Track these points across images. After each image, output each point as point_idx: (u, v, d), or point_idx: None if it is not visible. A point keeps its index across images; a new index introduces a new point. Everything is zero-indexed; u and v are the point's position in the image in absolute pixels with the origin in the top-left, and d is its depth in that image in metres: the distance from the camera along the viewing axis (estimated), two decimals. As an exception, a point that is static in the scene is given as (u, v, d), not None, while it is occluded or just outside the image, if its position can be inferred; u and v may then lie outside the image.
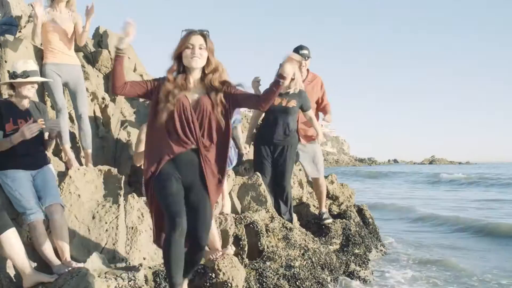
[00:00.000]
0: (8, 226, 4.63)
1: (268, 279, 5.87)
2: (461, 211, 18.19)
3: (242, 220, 6.45)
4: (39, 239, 4.88)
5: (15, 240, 4.65)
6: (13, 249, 4.62)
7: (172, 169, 4.25)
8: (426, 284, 7.79)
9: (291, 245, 6.66)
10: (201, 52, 4.25)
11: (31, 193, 5.03)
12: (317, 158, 8.21)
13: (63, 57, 6.42)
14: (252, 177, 7.26)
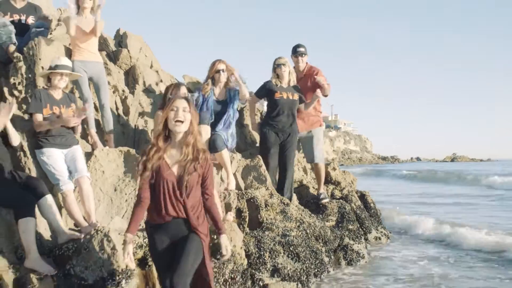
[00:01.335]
0: (46, 193, 5.67)
1: (265, 245, 6.82)
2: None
3: (244, 195, 7.43)
4: (70, 205, 5.92)
5: (52, 204, 5.69)
6: (50, 212, 5.66)
7: (163, 235, 4.43)
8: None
9: (287, 218, 7.59)
10: (185, 115, 4.39)
11: (63, 167, 6.07)
12: (314, 144, 9.16)
13: (88, 55, 7.46)
14: (254, 159, 8.22)
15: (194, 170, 4.39)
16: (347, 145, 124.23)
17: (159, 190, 4.38)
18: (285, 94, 8.49)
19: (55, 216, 5.70)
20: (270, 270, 6.65)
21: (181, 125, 4.38)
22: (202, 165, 4.44)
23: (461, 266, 8.52)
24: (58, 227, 5.68)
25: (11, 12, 7.98)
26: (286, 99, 8.50)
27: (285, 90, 8.50)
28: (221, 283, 5.87)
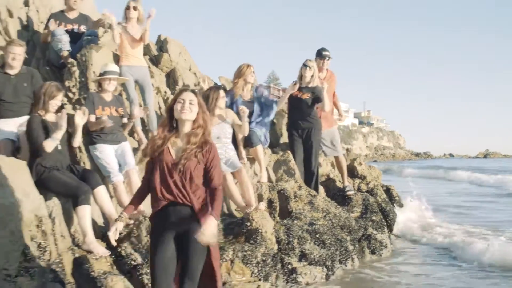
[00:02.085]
0: (100, 184, 6.45)
1: (294, 232, 7.52)
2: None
3: (275, 187, 8.15)
4: (120, 195, 6.70)
5: (104, 194, 6.48)
6: (103, 201, 6.44)
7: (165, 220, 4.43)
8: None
9: (314, 209, 8.28)
10: (190, 107, 4.44)
11: (114, 161, 6.86)
12: (335, 140, 9.90)
13: (134, 60, 8.25)
14: (284, 154, 8.92)
15: (193, 156, 4.38)
16: (380, 141, 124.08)
17: (156, 173, 4.43)
18: (301, 93, 9.17)
19: (108, 204, 6.48)
20: (298, 255, 7.34)
21: (187, 113, 4.42)
22: (204, 154, 4.42)
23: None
24: (110, 214, 6.46)
25: (65, 22, 8.80)
26: (294, 98, 9.18)
27: (303, 90, 9.18)
28: (254, 265, 6.58)
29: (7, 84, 7.14)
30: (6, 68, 7.20)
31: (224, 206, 7.63)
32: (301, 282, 7.03)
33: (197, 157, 4.39)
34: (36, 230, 5.82)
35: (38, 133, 6.36)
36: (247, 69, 8.65)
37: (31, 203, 5.95)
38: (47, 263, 5.71)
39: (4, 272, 5.45)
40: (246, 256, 6.58)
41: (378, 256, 8.92)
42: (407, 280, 7.63)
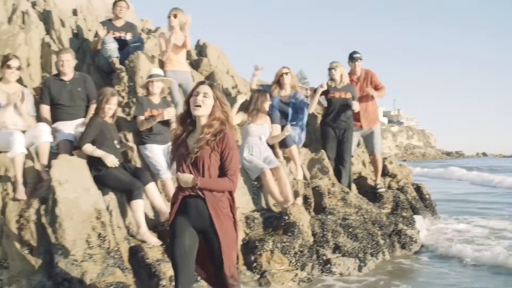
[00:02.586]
0: (150, 181, 7.08)
1: (328, 226, 8.06)
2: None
3: (310, 184, 8.69)
4: (168, 191, 7.32)
5: (155, 190, 7.11)
6: (154, 196, 7.08)
7: (184, 213, 4.49)
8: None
9: (347, 205, 8.80)
10: (203, 100, 4.41)
11: (162, 160, 7.48)
12: (375, 138, 10.37)
13: (178, 65, 8.90)
14: (318, 153, 9.46)
15: (206, 145, 4.38)
16: (410, 140, 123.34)
17: (173, 166, 4.59)
18: (338, 93, 9.70)
19: (158, 200, 7.12)
20: (332, 247, 7.88)
21: (199, 109, 4.41)
22: (218, 143, 4.38)
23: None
24: (160, 208, 7.10)
25: (113, 30, 9.48)
26: (338, 98, 9.71)
27: (338, 90, 9.71)
28: (292, 255, 7.15)
29: (63, 90, 7.85)
30: (61, 76, 7.91)
31: (263, 201, 8.21)
32: (335, 272, 7.56)
33: (210, 146, 4.38)
34: (96, 222, 6.48)
35: (89, 134, 7.03)
36: (283, 73, 9.27)
37: (91, 197, 6.63)
38: (107, 251, 6.36)
39: (71, 257, 6.15)
40: (285, 247, 7.15)
41: (408, 251, 9.36)
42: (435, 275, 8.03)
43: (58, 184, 6.48)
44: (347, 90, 9.72)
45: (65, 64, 7.84)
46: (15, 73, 7.45)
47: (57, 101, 7.84)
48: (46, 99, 7.84)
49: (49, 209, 6.49)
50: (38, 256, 6.43)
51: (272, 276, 6.87)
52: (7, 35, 9.69)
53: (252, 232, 7.42)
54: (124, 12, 9.65)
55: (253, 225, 7.52)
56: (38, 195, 6.78)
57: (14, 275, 6.23)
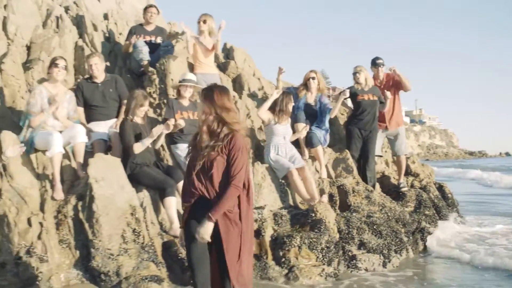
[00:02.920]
0: (182, 178, 7.35)
1: (353, 223, 8.28)
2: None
3: (335, 183, 8.93)
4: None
5: (187, 187, 7.39)
6: (185, 193, 7.36)
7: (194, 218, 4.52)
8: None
9: (371, 203, 9.02)
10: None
11: (193, 159, 7.76)
12: (400, 140, 10.59)
13: (207, 68, 9.21)
14: (342, 152, 9.69)
15: (213, 150, 4.44)
16: (433, 139, 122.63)
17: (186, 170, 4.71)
18: (366, 96, 9.95)
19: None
20: (357, 244, 8.11)
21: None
22: (225, 146, 4.46)
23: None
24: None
25: (144, 34, 9.83)
26: (367, 101, 9.96)
27: (366, 92, 9.96)
28: (319, 250, 7.40)
29: (96, 92, 8.21)
30: (93, 78, 8.26)
31: (290, 199, 8.46)
32: (361, 268, 7.80)
33: (216, 151, 4.43)
34: (131, 218, 6.81)
35: (130, 137, 7.34)
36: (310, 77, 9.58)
37: (126, 194, 6.96)
38: (141, 245, 6.68)
39: (108, 251, 6.47)
40: (312, 243, 7.40)
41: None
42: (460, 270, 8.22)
43: (95, 181, 6.82)
44: (373, 93, 9.96)
45: (94, 68, 8.20)
46: (62, 72, 7.83)
47: (91, 103, 8.19)
48: (80, 101, 8.19)
49: (86, 206, 6.83)
50: (75, 250, 6.76)
51: (300, 271, 7.13)
52: (42, 38, 10.09)
53: (280, 229, 7.67)
54: (154, 17, 10.01)
55: (281, 222, 7.78)
56: (75, 192, 7.12)
57: (53, 268, 6.56)
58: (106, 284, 6.42)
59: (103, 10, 11.97)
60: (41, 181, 7.33)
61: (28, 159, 7.47)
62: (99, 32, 10.57)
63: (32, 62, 9.64)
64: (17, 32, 10.14)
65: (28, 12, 10.64)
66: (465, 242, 10.09)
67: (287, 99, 8.65)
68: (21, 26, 10.21)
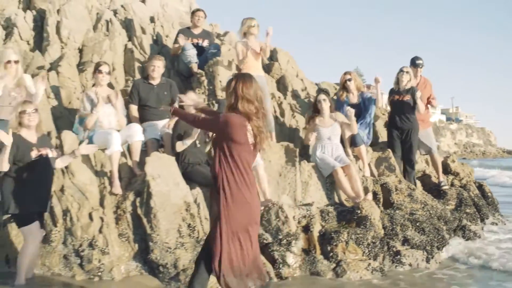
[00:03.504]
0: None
1: (396, 220, 8.51)
2: None
3: (378, 181, 9.17)
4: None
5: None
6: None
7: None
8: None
9: (414, 201, 9.23)
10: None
11: (243, 158, 8.08)
12: (430, 139, 10.79)
13: (254, 70, 9.47)
14: (385, 152, 9.93)
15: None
16: (470, 138, 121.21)
17: None
18: (400, 96, 10.15)
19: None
20: (401, 240, 8.33)
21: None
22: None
23: None
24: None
25: (191, 37, 10.20)
26: (399, 101, 10.15)
27: (401, 93, 10.16)
28: (365, 246, 7.66)
29: (151, 93, 8.59)
30: (149, 79, 8.65)
31: (335, 196, 8.76)
32: (405, 263, 8.02)
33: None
34: (186, 213, 7.17)
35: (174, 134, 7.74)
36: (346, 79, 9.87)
37: (180, 191, 7.32)
38: (196, 240, 7.03)
39: (165, 245, 6.85)
40: (359, 238, 7.67)
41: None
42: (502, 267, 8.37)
43: (152, 179, 7.19)
44: (408, 93, 10.14)
45: (155, 70, 8.59)
46: (106, 77, 8.29)
47: (145, 103, 8.58)
48: (135, 100, 8.59)
49: (144, 202, 7.21)
50: (134, 243, 7.15)
51: (348, 265, 7.39)
52: (93, 42, 10.54)
53: (327, 225, 7.96)
54: (202, 21, 10.38)
55: (328, 218, 8.06)
56: (133, 188, 7.51)
57: (114, 260, 6.96)
58: (164, 276, 6.79)
59: (149, 13, 12.39)
60: (99, 178, 7.75)
61: (87, 157, 7.88)
62: (147, 35, 10.98)
63: (84, 65, 10.11)
64: (70, 36, 10.61)
65: (79, 16, 11.11)
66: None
67: (319, 97, 9.06)
68: (73, 30, 10.68)
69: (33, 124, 6.48)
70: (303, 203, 8.24)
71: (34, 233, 6.32)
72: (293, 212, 7.62)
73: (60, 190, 7.35)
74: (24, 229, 6.28)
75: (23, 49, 10.26)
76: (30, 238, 6.28)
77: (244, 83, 4.92)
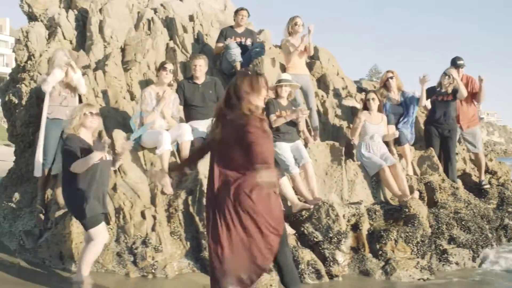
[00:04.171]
0: (283, 175, 7.78)
1: (442, 219, 8.53)
2: None
3: (422, 180, 9.19)
4: (298, 184, 7.99)
5: (287, 183, 7.81)
6: (286, 189, 7.77)
7: None
8: None
9: (457, 199, 9.24)
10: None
11: (290, 156, 8.15)
12: (476, 138, 10.78)
13: (298, 69, 9.60)
14: (427, 150, 9.95)
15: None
16: (490, 136, 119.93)
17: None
18: (442, 97, 10.16)
19: (290, 192, 7.82)
20: (447, 239, 8.37)
21: None
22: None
23: None
24: (293, 200, 7.80)
25: (235, 36, 10.27)
26: (441, 101, 10.20)
27: (443, 94, 10.17)
28: (414, 244, 7.72)
29: (196, 92, 8.70)
30: (194, 79, 8.76)
31: (381, 195, 8.81)
32: (452, 262, 8.06)
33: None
34: (237, 211, 7.23)
35: None
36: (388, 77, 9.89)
37: (232, 189, 7.38)
38: (249, 238, 7.09)
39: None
40: (408, 237, 7.72)
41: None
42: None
43: (204, 177, 7.29)
44: (450, 94, 10.14)
45: (198, 69, 8.70)
46: (169, 75, 8.42)
47: (191, 102, 8.69)
48: (180, 100, 8.71)
49: (196, 200, 7.32)
50: (186, 241, 7.26)
51: (397, 263, 7.44)
52: (136, 41, 10.63)
53: (375, 223, 8.01)
54: (245, 20, 10.45)
55: (375, 217, 8.10)
56: (184, 187, 7.62)
57: (167, 257, 7.07)
58: (217, 274, 6.87)
59: (186, 12, 12.45)
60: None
61: (137, 156, 8.02)
62: (189, 34, 11.06)
63: (128, 64, 10.21)
64: (113, 35, 10.71)
65: (121, 15, 11.20)
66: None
67: (368, 96, 9.14)
68: (116, 29, 10.78)
69: (94, 126, 6.61)
70: (350, 201, 8.29)
71: (101, 233, 6.45)
72: (343, 211, 7.67)
73: (112, 189, 7.48)
74: (92, 230, 6.37)
75: (67, 48, 10.38)
76: (99, 239, 6.41)
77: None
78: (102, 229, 6.49)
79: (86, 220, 6.37)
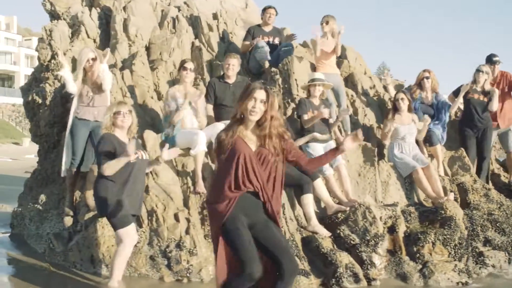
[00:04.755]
0: (317, 177, 7.66)
1: (476, 221, 8.40)
2: None
3: (455, 180, 9.06)
4: (332, 186, 7.88)
5: (321, 185, 7.70)
6: (321, 190, 7.66)
7: (238, 212, 4.61)
8: None
9: (490, 200, 9.10)
10: (260, 106, 4.60)
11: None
12: (509, 137, 10.60)
13: (329, 68, 9.48)
14: (458, 151, 9.81)
15: (273, 149, 4.64)
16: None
17: (234, 163, 4.60)
18: (477, 95, 10.02)
19: (325, 193, 7.71)
20: (483, 241, 8.23)
21: (254, 115, 4.63)
22: (280, 143, 4.68)
23: None
24: (328, 202, 7.69)
25: (262, 35, 10.15)
26: (476, 100, 10.04)
27: (477, 92, 10.03)
28: (452, 247, 7.60)
29: (227, 92, 8.59)
30: (225, 78, 8.65)
31: (414, 196, 8.68)
32: (488, 264, 7.90)
33: (274, 148, 4.64)
34: (272, 213, 7.12)
35: None
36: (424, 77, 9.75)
37: (266, 191, 7.27)
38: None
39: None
40: (446, 239, 7.59)
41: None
42: None
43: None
44: (486, 94, 10.00)
45: (231, 68, 8.58)
46: (190, 74, 8.30)
47: (221, 102, 8.58)
48: (211, 99, 8.60)
49: (230, 202, 7.18)
50: (220, 244, 7.13)
51: (435, 266, 7.30)
52: (161, 39, 10.55)
53: (410, 225, 7.88)
54: (273, 18, 10.32)
55: (410, 219, 7.98)
56: (218, 188, 7.48)
57: (202, 261, 6.96)
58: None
59: (209, 10, 12.33)
60: (181, 178, 7.77)
61: (168, 157, 7.90)
62: (214, 32, 10.95)
63: (154, 63, 10.11)
64: (138, 34, 10.62)
65: (145, 13, 11.11)
66: None
67: (397, 96, 9.00)
68: (140, 28, 10.68)
69: (126, 125, 6.48)
70: (384, 203, 8.18)
71: (131, 235, 6.32)
72: (380, 213, 7.56)
73: (145, 191, 7.37)
74: (121, 231, 6.23)
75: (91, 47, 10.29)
76: (127, 240, 6.27)
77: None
78: (132, 230, 6.36)
79: (116, 219, 6.22)
